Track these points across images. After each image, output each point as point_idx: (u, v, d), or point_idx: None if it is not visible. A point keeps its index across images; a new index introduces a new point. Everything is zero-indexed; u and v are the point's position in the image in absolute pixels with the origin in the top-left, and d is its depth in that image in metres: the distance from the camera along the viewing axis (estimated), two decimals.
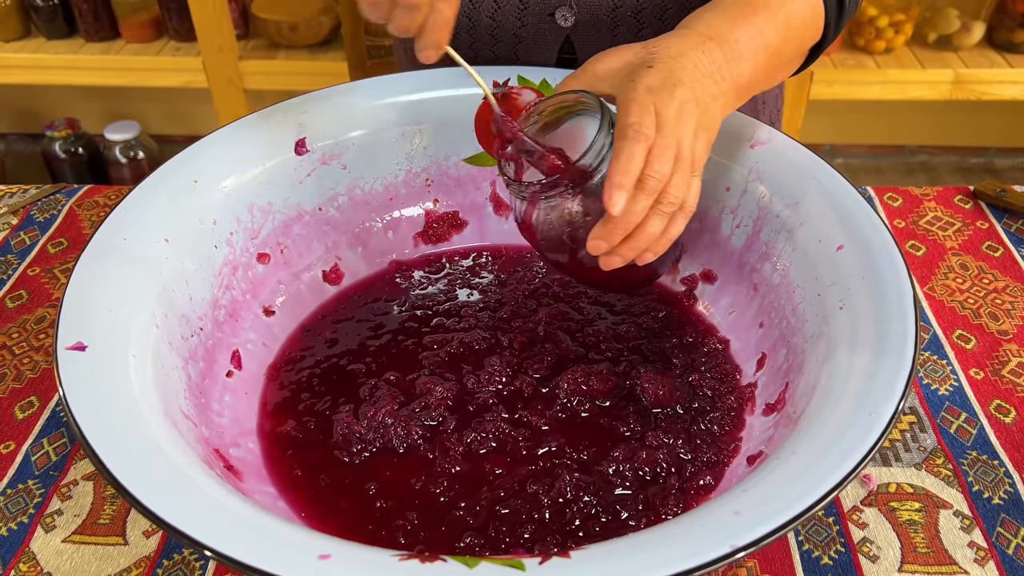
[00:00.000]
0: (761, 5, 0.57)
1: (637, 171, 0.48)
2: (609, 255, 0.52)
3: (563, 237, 0.55)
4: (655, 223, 0.51)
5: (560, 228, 0.55)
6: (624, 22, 0.73)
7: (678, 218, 0.52)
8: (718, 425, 0.56)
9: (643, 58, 0.53)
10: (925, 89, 1.77)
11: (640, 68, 0.52)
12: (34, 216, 0.81)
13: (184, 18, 1.79)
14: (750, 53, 0.56)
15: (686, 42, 0.54)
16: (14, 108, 2.23)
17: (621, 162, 0.48)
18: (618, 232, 0.50)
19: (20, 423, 0.61)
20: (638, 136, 0.49)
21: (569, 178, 0.52)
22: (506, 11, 0.73)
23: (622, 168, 0.48)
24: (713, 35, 0.55)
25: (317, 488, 0.54)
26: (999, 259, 0.74)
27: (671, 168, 0.50)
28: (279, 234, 0.66)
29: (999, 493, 0.56)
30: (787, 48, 0.59)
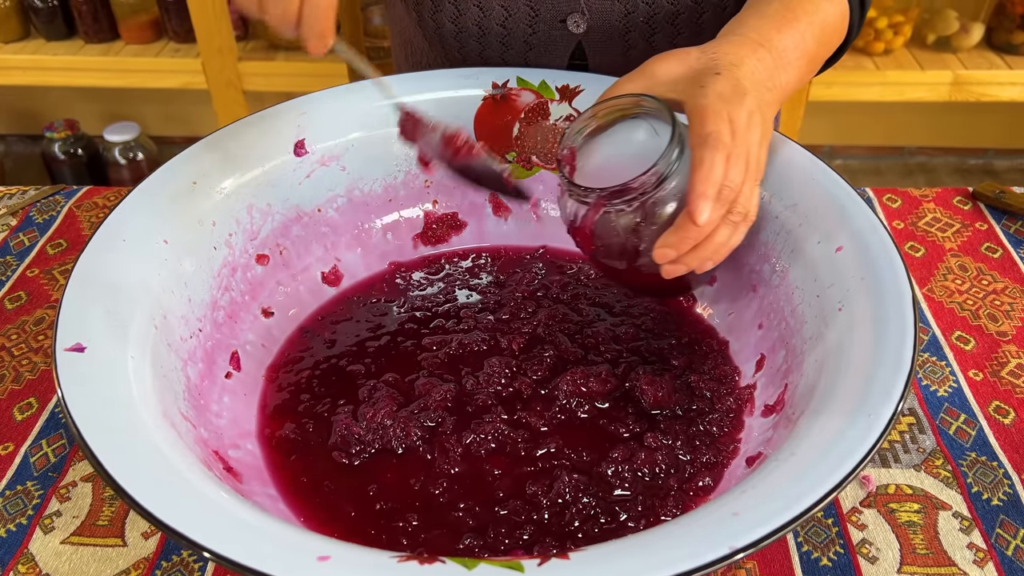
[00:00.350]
0: (801, 12, 0.57)
1: (719, 180, 0.48)
2: (674, 264, 0.51)
3: (624, 244, 0.55)
4: (723, 232, 0.51)
5: (622, 235, 0.54)
6: (636, 28, 0.73)
7: (741, 227, 0.52)
8: (717, 426, 0.56)
9: (706, 65, 0.53)
10: (924, 90, 1.77)
11: (707, 75, 0.52)
12: (33, 217, 0.81)
13: (183, 19, 1.79)
14: (796, 60, 0.56)
15: (742, 49, 0.53)
16: (13, 109, 2.23)
17: (704, 171, 0.48)
18: (689, 241, 0.50)
19: (19, 424, 0.61)
20: (718, 145, 0.48)
21: (639, 186, 0.51)
22: (517, 19, 0.73)
23: (705, 177, 0.48)
24: (764, 42, 0.54)
25: (316, 490, 0.54)
26: (998, 260, 0.74)
27: (743, 177, 0.50)
28: (278, 235, 0.66)
29: (998, 494, 0.56)
30: (821, 53, 0.60)
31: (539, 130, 0.70)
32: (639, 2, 0.71)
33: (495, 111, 0.70)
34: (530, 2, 0.72)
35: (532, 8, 0.72)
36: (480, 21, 0.73)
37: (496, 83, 0.70)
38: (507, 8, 0.72)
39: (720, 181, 0.48)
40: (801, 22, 0.57)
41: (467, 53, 0.76)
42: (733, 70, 0.52)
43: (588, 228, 0.56)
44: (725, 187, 0.49)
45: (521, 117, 0.70)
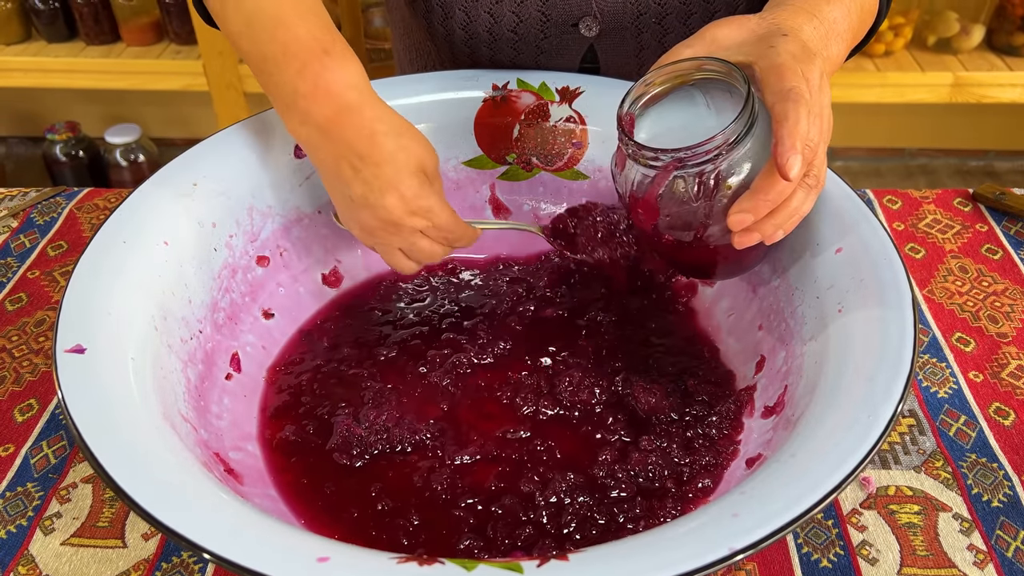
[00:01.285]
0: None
1: (806, 135, 0.47)
2: (748, 231, 0.50)
3: (694, 213, 0.52)
4: (799, 196, 0.50)
5: (690, 203, 0.52)
6: (648, 28, 0.72)
7: (813, 193, 0.51)
8: (716, 428, 0.56)
9: (770, 28, 0.52)
10: (925, 92, 1.77)
11: (775, 36, 0.50)
12: (34, 219, 0.81)
13: (184, 21, 1.80)
14: (845, 32, 0.55)
15: (799, 17, 0.53)
16: (15, 111, 2.23)
17: (790, 124, 0.46)
18: (768, 204, 0.48)
19: (19, 426, 0.61)
20: (800, 99, 0.47)
21: (715, 147, 0.49)
22: (528, 24, 0.72)
23: (791, 130, 0.46)
24: (816, 13, 0.54)
25: (317, 491, 0.54)
26: (998, 262, 0.74)
27: (820, 137, 0.48)
28: (278, 237, 0.66)
29: (998, 496, 0.55)
30: (860, 31, 0.59)
31: (539, 132, 0.70)
32: (651, 3, 0.71)
33: (495, 113, 0.70)
34: (541, 7, 0.71)
35: (544, 13, 0.72)
36: (491, 27, 0.73)
37: (496, 85, 0.70)
38: (519, 14, 0.72)
39: (806, 136, 0.47)
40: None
41: (477, 59, 0.76)
42: (798, 32, 0.51)
43: (653, 197, 0.52)
44: (807, 145, 0.47)
45: (521, 119, 0.70)
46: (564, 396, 0.58)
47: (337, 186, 0.57)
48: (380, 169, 0.55)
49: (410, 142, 0.56)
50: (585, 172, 0.70)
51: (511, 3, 0.71)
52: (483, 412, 0.58)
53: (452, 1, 0.72)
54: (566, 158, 0.70)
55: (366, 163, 0.55)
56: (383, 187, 0.55)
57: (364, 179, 0.55)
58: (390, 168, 0.55)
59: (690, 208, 0.52)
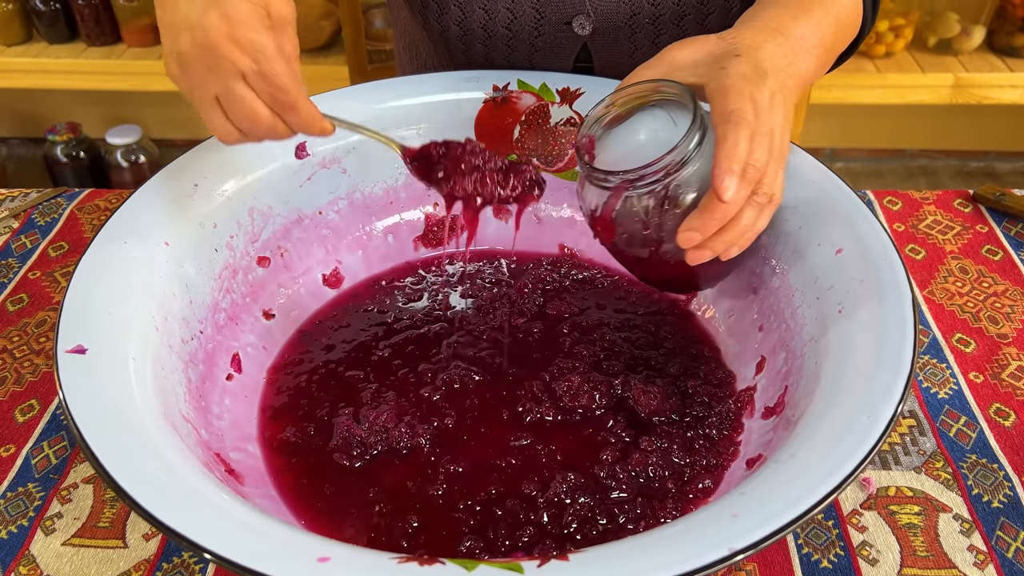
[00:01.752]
0: (816, 2, 0.57)
1: (744, 157, 0.48)
2: (699, 248, 0.51)
3: (646, 231, 0.54)
4: (749, 214, 0.50)
5: (644, 221, 0.53)
6: (642, 29, 0.73)
7: (766, 211, 0.51)
8: (716, 429, 0.56)
9: (726, 49, 0.53)
10: (925, 93, 1.77)
11: (728, 57, 0.51)
12: (35, 220, 0.81)
13: None
14: (813, 49, 0.56)
15: (760, 35, 0.53)
16: (16, 112, 2.23)
17: (728, 146, 0.47)
18: (715, 223, 0.49)
19: (20, 426, 0.61)
20: (741, 122, 0.48)
21: (662, 167, 0.51)
22: (522, 21, 0.72)
23: (729, 153, 0.47)
24: (781, 30, 0.54)
25: (317, 492, 0.54)
26: (999, 263, 0.74)
27: (768, 157, 0.49)
28: (279, 238, 0.66)
29: (999, 497, 0.55)
30: (837, 45, 0.59)
31: (540, 133, 0.70)
32: (644, 3, 0.71)
33: (496, 114, 0.70)
34: (535, 5, 0.72)
35: (537, 11, 0.72)
36: (485, 24, 0.73)
37: (497, 86, 0.70)
38: (512, 11, 0.72)
39: (744, 158, 0.48)
40: (816, 12, 0.57)
41: (472, 56, 0.76)
42: (753, 52, 0.52)
43: (609, 216, 0.54)
44: (750, 166, 0.48)
45: (522, 120, 0.70)
46: (565, 399, 0.58)
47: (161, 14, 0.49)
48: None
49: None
50: None
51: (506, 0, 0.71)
52: (483, 413, 0.58)
53: None
54: (566, 159, 0.70)
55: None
56: (207, 3, 0.47)
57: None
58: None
59: (643, 226, 0.54)
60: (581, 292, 0.69)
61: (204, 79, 0.48)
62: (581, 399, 0.58)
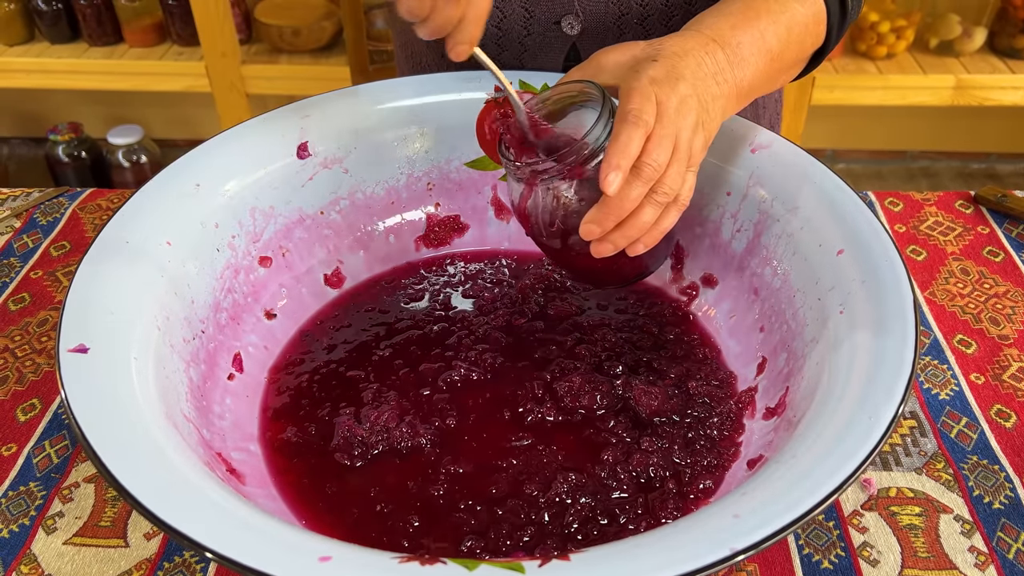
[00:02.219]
0: (764, 10, 0.58)
1: (634, 155, 0.49)
2: (601, 242, 0.52)
3: (556, 222, 0.56)
4: (648, 212, 0.51)
5: (554, 214, 0.56)
6: (630, 29, 0.73)
7: (671, 210, 0.53)
8: (717, 430, 0.56)
9: (648, 53, 0.54)
10: (927, 95, 1.77)
11: (645, 61, 0.53)
12: (37, 219, 0.81)
13: (187, 23, 1.80)
14: (752, 57, 0.57)
15: (690, 42, 0.55)
16: (17, 112, 2.23)
17: (619, 144, 0.49)
18: (612, 217, 0.51)
19: (22, 425, 0.61)
20: (637, 122, 0.49)
21: (566, 161, 0.53)
22: (512, 20, 0.73)
23: (619, 150, 0.49)
24: (716, 37, 0.56)
25: (318, 492, 0.54)
26: (1000, 264, 0.74)
27: (668, 158, 0.51)
28: (281, 237, 0.66)
29: (1000, 498, 0.56)
30: (788, 53, 0.60)
31: None
32: (633, 4, 0.71)
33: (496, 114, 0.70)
34: (525, 4, 0.72)
35: (527, 10, 0.72)
36: None
37: (498, 87, 0.70)
38: (502, 10, 0.73)
39: (635, 155, 0.49)
40: (762, 20, 0.58)
41: None
42: (673, 59, 0.53)
43: (524, 206, 0.57)
44: (646, 164, 0.50)
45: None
46: (566, 400, 0.58)
47: None
48: None
49: None
50: None
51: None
52: (484, 413, 0.58)
53: None
54: None
55: None
56: None
57: None
58: None
59: (551, 217, 0.56)
60: (582, 292, 0.69)
61: None
62: (582, 399, 0.58)
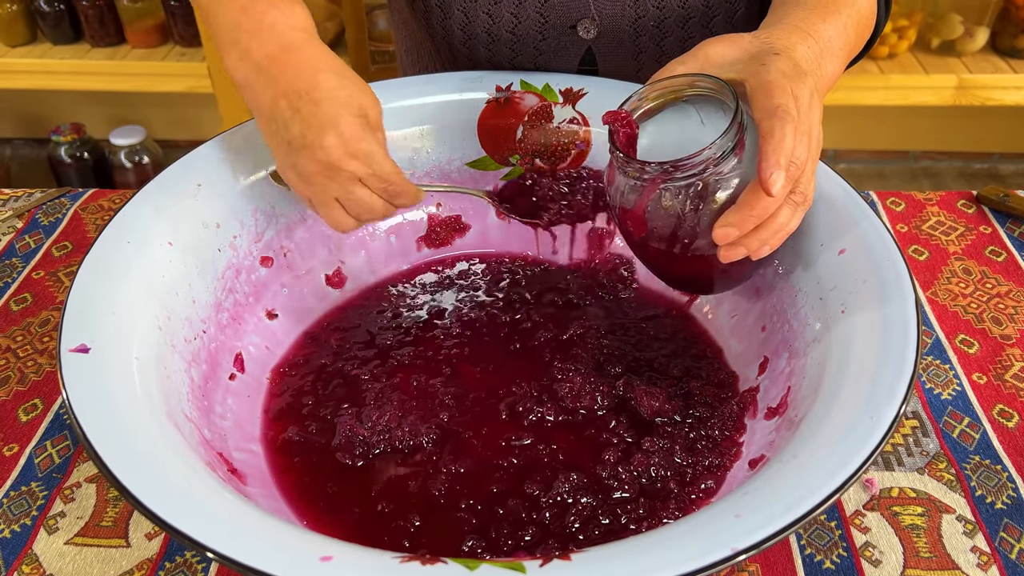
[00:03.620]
0: (841, 3, 0.57)
1: (791, 152, 0.47)
2: (734, 246, 0.50)
3: (680, 226, 0.53)
4: (785, 213, 0.50)
5: (678, 216, 0.52)
6: (646, 32, 0.72)
7: (799, 211, 0.51)
8: (718, 430, 0.56)
9: (762, 47, 0.52)
10: (929, 95, 1.77)
11: (768, 55, 0.51)
12: (39, 220, 0.81)
13: (189, 24, 1.80)
14: (840, 51, 0.56)
15: (793, 35, 0.53)
16: (20, 113, 2.23)
17: (775, 141, 0.47)
18: (753, 219, 0.49)
19: (23, 425, 0.61)
20: (786, 117, 0.48)
21: (702, 160, 0.50)
22: (527, 25, 0.72)
23: (776, 147, 0.47)
24: (811, 31, 0.54)
25: (319, 491, 0.54)
26: (1002, 264, 0.74)
27: (807, 155, 0.49)
28: (282, 238, 0.66)
29: (1002, 498, 0.55)
30: (857, 45, 0.59)
31: (542, 133, 0.70)
32: (649, 6, 0.71)
33: (498, 114, 0.70)
34: (540, 9, 0.71)
35: (542, 15, 0.72)
36: (490, 28, 0.73)
37: (500, 86, 0.70)
38: (517, 15, 0.72)
39: (791, 153, 0.48)
40: (842, 13, 0.56)
41: (476, 59, 0.76)
42: (791, 52, 0.51)
43: (641, 209, 0.53)
44: (792, 163, 0.48)
45: (524, 120, 0.70)
46: (567, 400, 0.58)
47: (274, 129, 0.54)
48: (319, 108, 0.53)
49: (352, 85, 0.55)
50: None
51: (509, 4, 0.71)
52: (485, 413, 0.58)
53: (451, 1, 0.72)
54: (569, 159, 0.70)
55: (304, 101, 0.53)
56: (322, 125, 0.53)
57: (303, 117, 0.53)
58: (330, 106, 0.53)
59: (677, 221, 0.53)
60: (584, 293, 0.69)
61: (325, 187, 0.55)
62: (583, 400, 0.58)
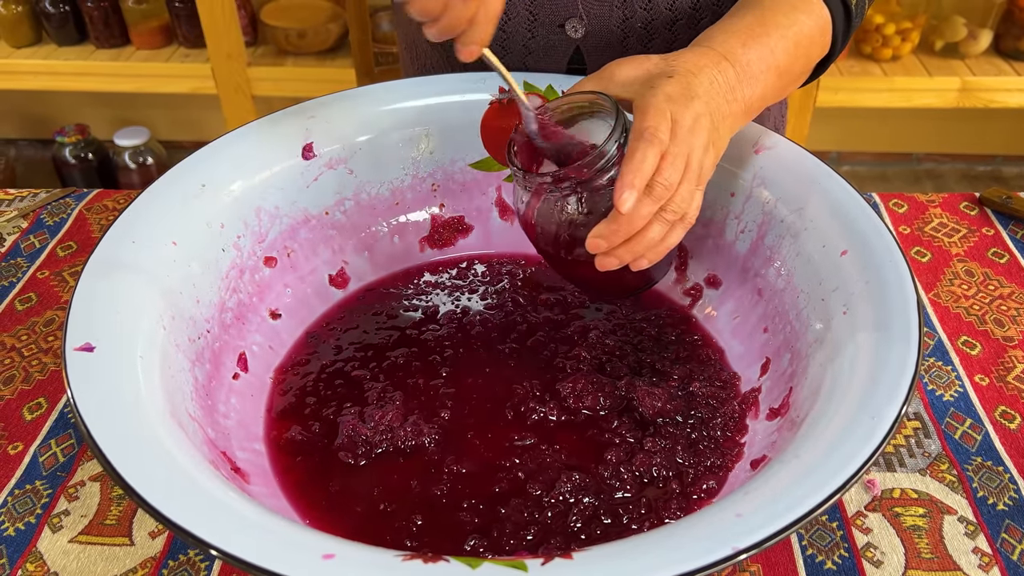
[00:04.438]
0: (772, 25, 0.58)
1: (649, 173, 0.49)
2: (606, 256, 0.52)
3: (562, 233, 0.56)
4: (656, 229, 0.51)
5: (561, 224, 0.56)
6: (634, 34, 0.73)
7: (677, 228, 0.53)
8: (720, 431, 0.56)
9: (663, 69, 0.54)
10: (932, 97, 1.77)
11: (660, 77, 0.53)
12: (44, 220, 0.82)
13: (193, 25, 1.81)
14: (761, 74, 0.57)
15: (703, 59, 0.55)
16: (25, 114, 2.24)
17: (635, 162, 0.49)
18: (620, 234, 0.51)
19: (28, 424, 0.61)
20: (653, 140, 0.49)
21: (577, 174, 0.52)
22: (516, 22, 0.73)
23: (635, 168, 0.49)
24: (727, 55, 0.55)
25: (321, 491, 0.54)
26: (1004, 265, 0.74)
27: (679, 177, 0.50)
28: (286, 238, 0.67)
29: (1004, 499, 0.55)
30: (795, 66, 0.60)
31: None
32: (637, 8, 0.71)
33: (501, 115, 0.70)
34: (529, 7, 0.72)
35: (531, 13, 0.73)
36: None
37: (503, 88, 0.70)
38: (506, 13, 0.73)
39: (649, 174, 0.49)
40: (772, 36, 0.57)
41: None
42: (688, 76, 0.53)
43: (531, 215, 0.57)
44: (658, 183, 0.49)
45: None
46: (569, 401, 0.58)
47: None
48: None
49: None
50: None
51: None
52: (488, 413, 0.58)
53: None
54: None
55: None
56: None
57: None
58: None
59: (557, 229, 0.56)
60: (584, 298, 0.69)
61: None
62: (585, 400, 0.58)
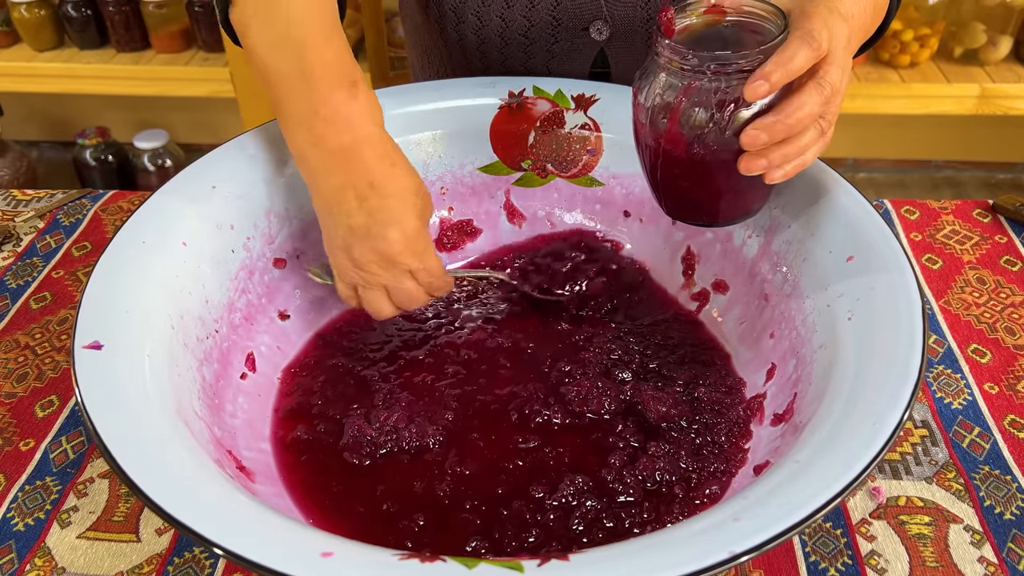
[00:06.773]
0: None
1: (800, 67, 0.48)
2: (756, 156, 0.50)
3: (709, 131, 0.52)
4: (810, 135, 0.50)
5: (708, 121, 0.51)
6: None
7: (819, 143, 0.51)
8: (725, 436, 0.56)
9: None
10: (951, 104, 1.75)
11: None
12: (60, 220, 0.83)
13: (213, 29, 1.82)
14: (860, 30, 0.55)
15: None
16: (47, 116, 2.27)
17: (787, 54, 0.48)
18: (783, 128, 0.49)
19: (40, 421, 0.62)
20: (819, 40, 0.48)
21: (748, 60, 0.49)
22: (539, 28, 0.73)
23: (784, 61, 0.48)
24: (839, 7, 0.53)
25: (325, 490, 0.55)
26: (1017, 273, 0.73)
27: (840, 84, 0.50)
28: (296, 240, 0.67)
29: (1011, 508, 0.55)
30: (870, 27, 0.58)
31: (554, 139, 0.70)
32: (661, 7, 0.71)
33: (511, 119, 0.70)
34: (553, 11, 0.72)
35: (555, 18, 0.73)
36: (503, 32, 0.74)
37: (512, 92, 0.71)
38: (529, 19, 0.73)
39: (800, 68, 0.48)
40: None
41: (489, 62, 0.77)
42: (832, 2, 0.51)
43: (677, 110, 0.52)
44: (827, 82, 0.49)
45: (536, 125, 0.70)
46: (574, 404, 0.58)
47: (335, 214, 0.57)
48: (387, 201, 0.56)
49: (418, 183, 0.58)
50: (600, 179, 0.71)
51: (522, 7, 0.72)
52: (492, 416, 0.59)
53: (464, 6, 0.73)
54: (581, 165, 0.71)
55: (376, 193, 0.55)
56: (387, 220, 0.56)
57: (369, 210, 0.56)
58: (397, 202, 0.56)
59: (706, 126, 0.52)
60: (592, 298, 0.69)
61: (377, 275, 0.58)
62: (590, 404, 0.58)
